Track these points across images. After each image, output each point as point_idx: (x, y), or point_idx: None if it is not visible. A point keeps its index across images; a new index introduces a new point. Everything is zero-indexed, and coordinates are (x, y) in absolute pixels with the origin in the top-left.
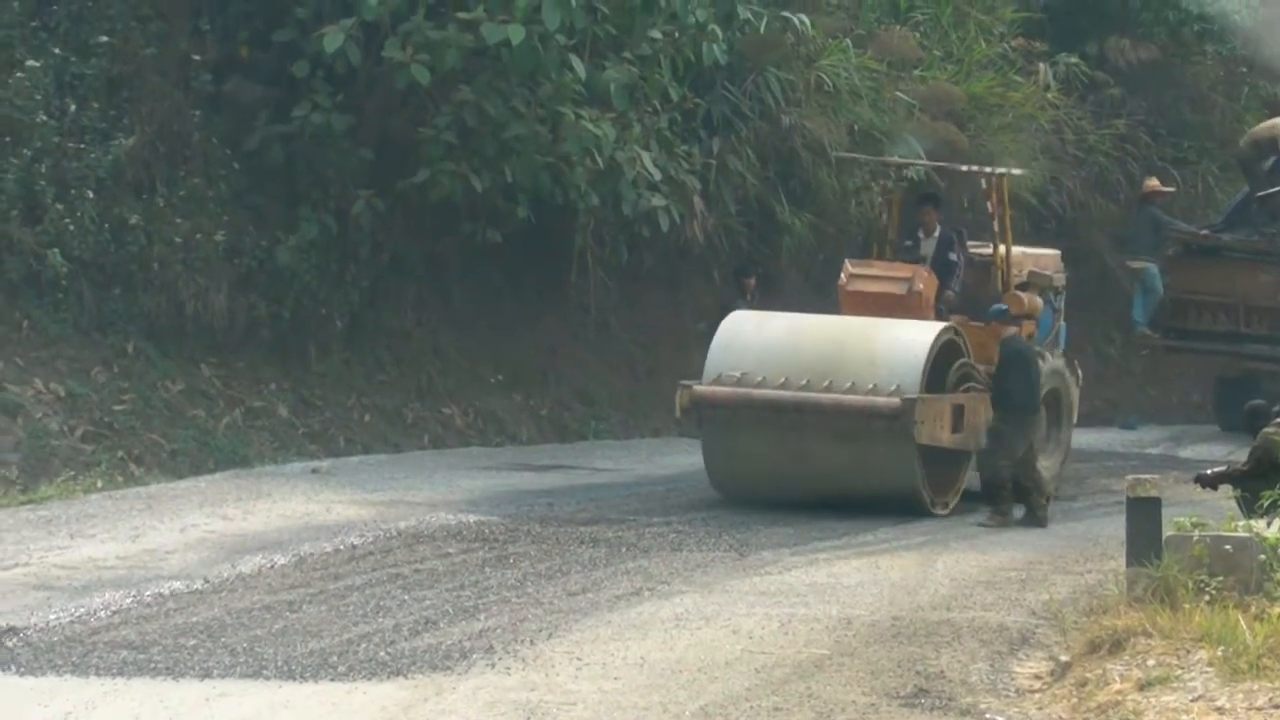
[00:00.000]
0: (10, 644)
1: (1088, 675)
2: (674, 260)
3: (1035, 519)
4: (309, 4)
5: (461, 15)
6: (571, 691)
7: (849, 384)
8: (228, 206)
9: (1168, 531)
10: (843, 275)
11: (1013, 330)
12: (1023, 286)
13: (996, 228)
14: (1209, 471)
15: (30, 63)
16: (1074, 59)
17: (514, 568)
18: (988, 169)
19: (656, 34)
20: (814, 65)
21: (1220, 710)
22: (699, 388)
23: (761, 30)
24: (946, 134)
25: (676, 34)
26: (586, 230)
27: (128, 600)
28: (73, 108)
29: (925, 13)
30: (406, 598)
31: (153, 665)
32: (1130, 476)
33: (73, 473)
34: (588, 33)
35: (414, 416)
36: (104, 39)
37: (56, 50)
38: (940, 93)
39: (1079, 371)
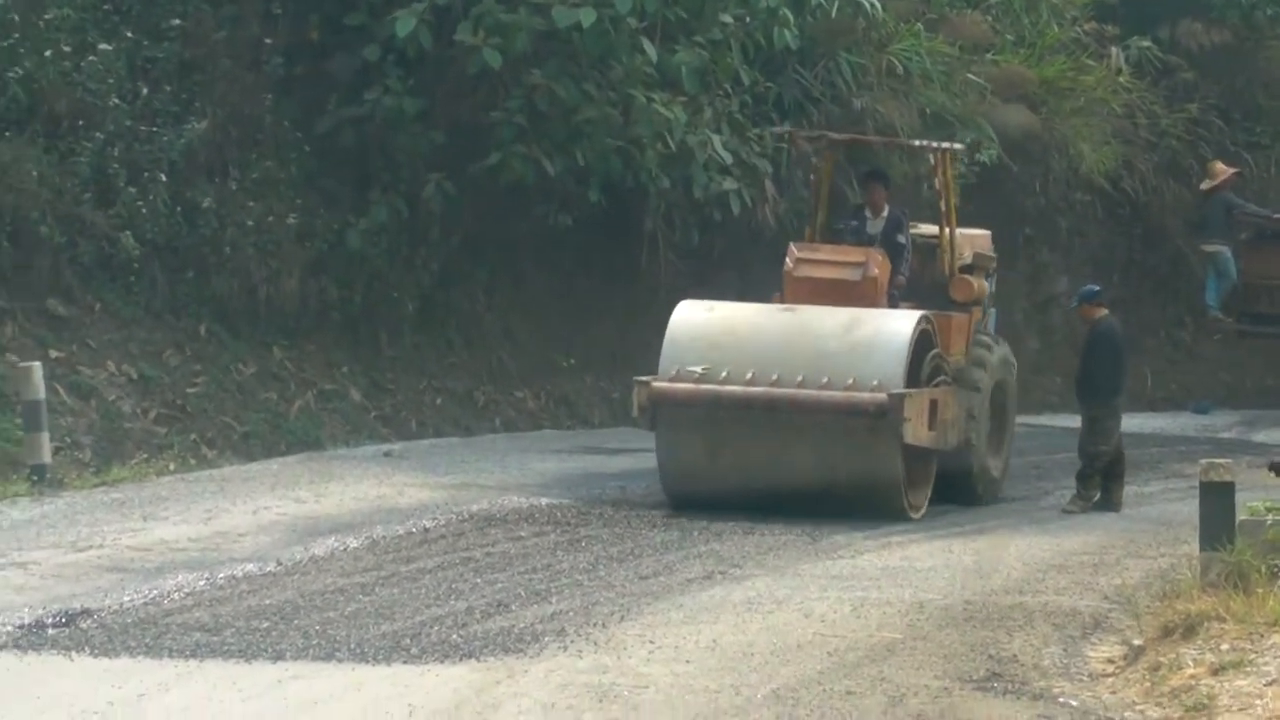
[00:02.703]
0: (84, 626)
1: (1161, 660)
2: (745, 244)
3: (1111, 503)
4: None
5: None
6: (643, 674)
7: (824, 379)
8: (299, 190)
9: (1241, 516)
10: (788, 259)
11: (1104, 313)
12: (968, 269)
13: (943, 207)
14: None
15: (103, 46)
16: (1146, 43)
17: (586, 551)
18: (934, 143)
19: (728, 18)
20: (885, 49)
21: None
22: (659, 384)
23: (833, 14)
24: (1019, 118)
25: (748, 18)
26: (657, 213)
27: (200, 582)
28: (145, 91)
29: None
30: (478, 580)
31: (225, 647)
32: (1203, 461)
33: (145, 455)
34: (659, 16)
35: (485, 399)
36: (176, 22)
37: (129, 34)
38: (1012, 76)
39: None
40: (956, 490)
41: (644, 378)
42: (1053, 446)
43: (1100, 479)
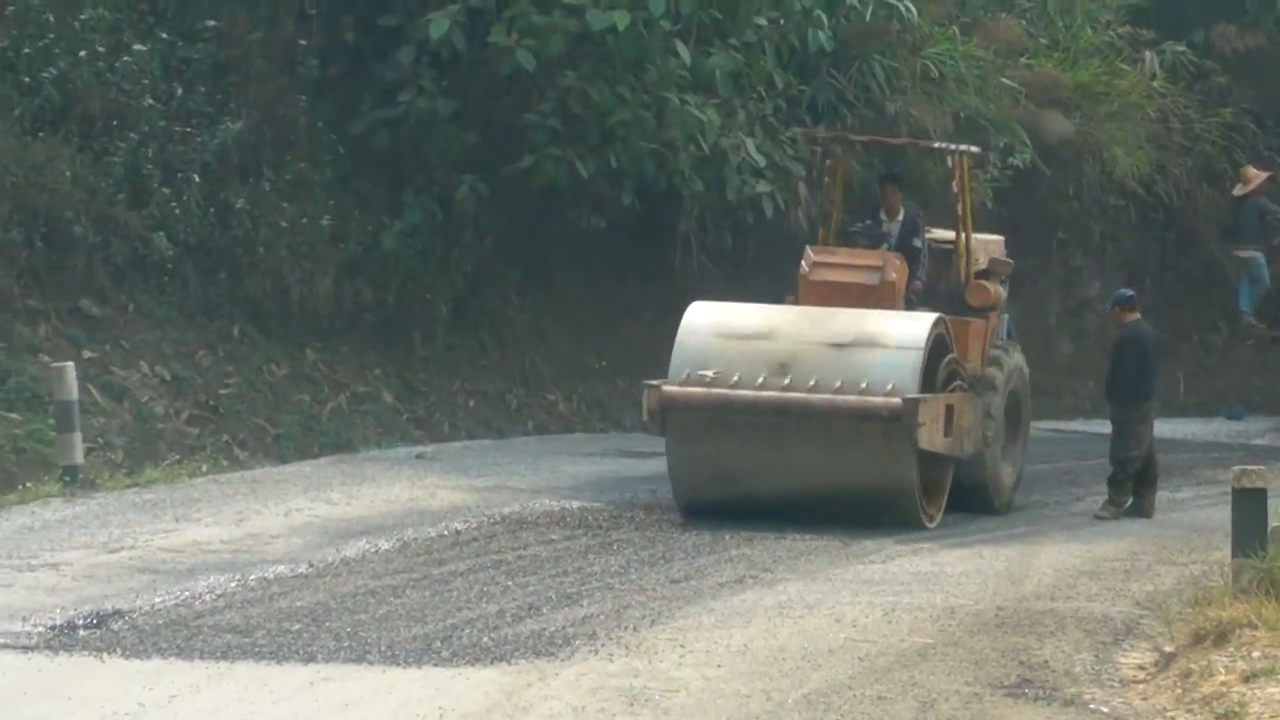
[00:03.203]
0: (116, 627)
1: (1192, 666)
2: (778, 246)
3: (1142, 509)
4: None
5: (567, 0)
6: (674, 678)
7: (837, 383)
8: (333, 191)
9: (1274, 523)
10: (804, 263)
11: (1135, 317)
12: (983, 274)
13: (960, 211)
14: None
15: (137, 47)
16: (1181, 47)
17: (617, 554)
18: (952, 145)
19: (762, 20)
20: (919, 52)
21: None
22: (669, 388)
23: (867, 17)
24: (1052, 122)
25: (782, 20)
26: (691, 216)
27: (232, 584)
28: (179, 92)
29: (1032, 0)
30: (510, 583)
31: (256, 649)
32: (1236, 467)
33: (178, 456)
34: (693, 19)
35: (518, 402)
36: (210, 23)
37: (164, 34)
38: (1046, 80)
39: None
40: (970, 499)
41: (654, 382)
42: (1085, 452)
43: (1132, 484)
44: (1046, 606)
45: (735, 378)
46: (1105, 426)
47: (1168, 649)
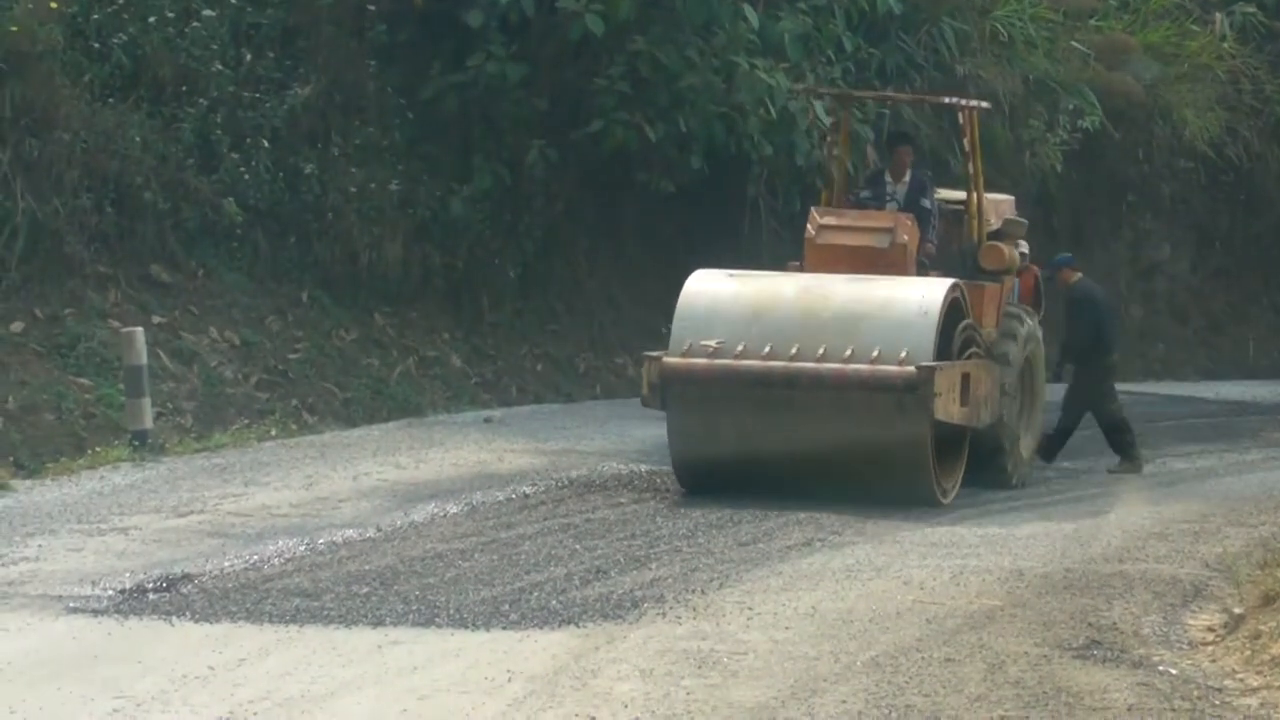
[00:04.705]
0: (185, 591)
1: (1261, 628)
2: None
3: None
4: None
5: None
6: (742, 641)
7: (847, 352)
8: (402, 156)
9: None
10: (810, 226)
11: (1079, 276)
12: (996, 235)
13: (970, 169)
14: None
15: (206, 12)
16: (1250, 8)
17: (685, 517)
18: (962, 100)
19: None
20: (988, 15)
21: None
22: (669, 359)
23: None
24: (1121, 84)
25: None
26: (759, 180)
27: (301, 548)
28: (248, 57)
29: None
30: (578, 547)
31: (325, 613)
32: None
33: (247, 421)
34: None
35: (586, 366)
36: None
37: (233, 0)
38: (1116, 43)
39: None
40: (985, 471)
41: (653, 353)
42: (1154, 414)
43: (1124, 435)
44: (1115, 568)
45: (740, 348)
46: (1177, 389)
47: (1237, 611)
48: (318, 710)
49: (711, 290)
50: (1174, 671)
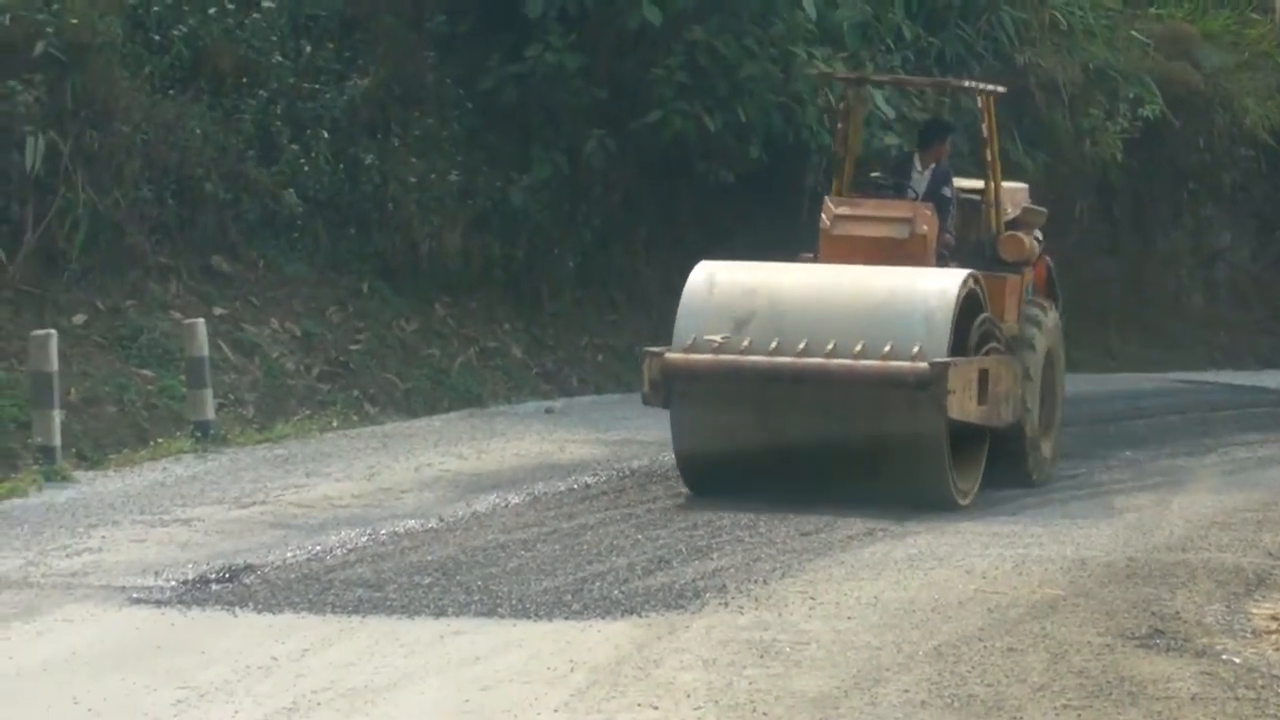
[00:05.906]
0: (248, 581)
1: None
2: None
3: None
4: None
5: None
6: (804, 630)
7: (858, 347)
8: (461, 147)
9: None
10: (824, 216)
11: None
12: (1014, 225)
13: (989, 157)
14: None
15: (266, 4)
16: None
17: (746, 508)
18: (981, 85)
19: None
20: (1048, 3)
21: None
22: (672, 355)
23: None
24: (1181, 73)
25: None
26: (818, 170)
27: (363, 538)
28: (308, 49)
29: None
30: (640, 537)
31: (388, 603)
32: None
33: (308, 411)
34: None
35: None
36: None
37: None
38: (1176, 31)
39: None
40: (1004, 471)
41: (655, 349)
42: (1216, 403)
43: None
44: (1178, 557)
45: (746, 343)
46: (1237, 378)
47: None
48: (380, 700)
49: (717, 282)
50: (1237, 660)
